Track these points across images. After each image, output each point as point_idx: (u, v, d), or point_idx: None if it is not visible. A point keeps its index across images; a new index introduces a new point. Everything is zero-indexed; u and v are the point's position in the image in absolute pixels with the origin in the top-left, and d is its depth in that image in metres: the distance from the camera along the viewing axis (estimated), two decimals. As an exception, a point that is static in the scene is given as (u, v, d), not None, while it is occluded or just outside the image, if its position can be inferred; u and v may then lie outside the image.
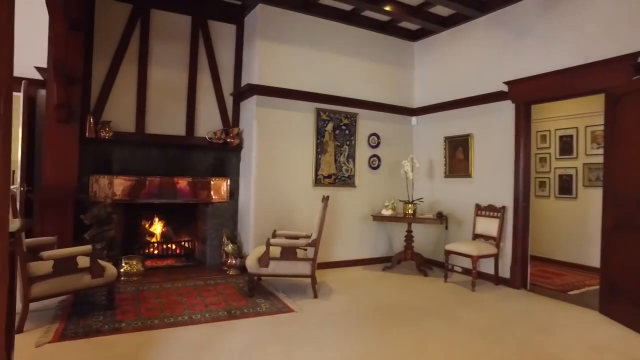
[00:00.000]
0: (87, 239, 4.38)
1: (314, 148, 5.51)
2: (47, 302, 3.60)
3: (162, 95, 5.26)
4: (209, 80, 5.51)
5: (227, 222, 5.51)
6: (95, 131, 4.77)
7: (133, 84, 5.09)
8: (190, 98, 5.40)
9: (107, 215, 4.52)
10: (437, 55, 6.02)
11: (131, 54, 5.07)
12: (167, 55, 5.27)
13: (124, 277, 4.58)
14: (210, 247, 5.43)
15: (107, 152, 4.87)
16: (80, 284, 3.48)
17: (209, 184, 5.38)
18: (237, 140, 5.51)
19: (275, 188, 5.25)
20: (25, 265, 3.18)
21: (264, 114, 5.18)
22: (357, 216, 5.84)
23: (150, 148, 5.08)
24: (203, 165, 5.40)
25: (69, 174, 4.53)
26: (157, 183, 5.08)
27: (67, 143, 4.52)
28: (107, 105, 4.96)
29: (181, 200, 5.26)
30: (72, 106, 4.51)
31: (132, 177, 4.95)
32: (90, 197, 4.72)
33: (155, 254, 5.45)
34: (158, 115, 5.24)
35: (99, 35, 4.91)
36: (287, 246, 4.23)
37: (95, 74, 4.89)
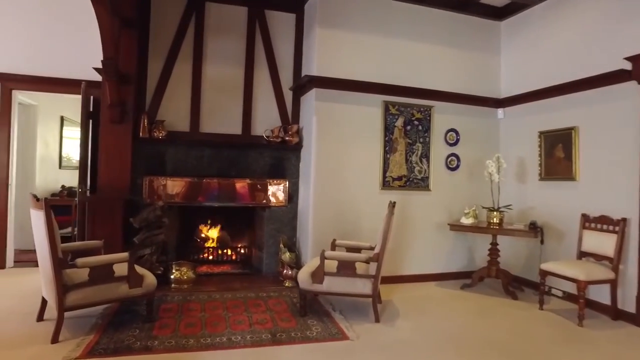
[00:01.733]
0: (137, 243, 4.21)
1: (382, 146, 4.86)
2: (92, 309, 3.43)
3: (217, 92, 4.97)
4: (266, 74, 5.13)
5: (285, 227, 5.07)
6: (149, 131, 4.61)
7: (187, 81, 4.86)
8: (246, 94, 5.06)
9: (156, 219, 4.30)
10: (530, 34, 5.02)
11: (186, 50, 4.85)
12: (222, 50, 4.98)
13: (175, 285, 4.33)
14: (267, 255, 5.03)
15: (160, 152, 4.69)
16: (116, 293, 3.23)
17: (266, 186, 4.99)
18: (296, 138, 5.05)
19: (337, 191, 4.69)
20: (59, 272, 2.99)
21: (324, 109, 4.66)
22: (431, 224, 5.07)
23: (204, 148, 4.82)
24: (259, 165, 5.02)
25: (122, 175, 4.40)
26: (211, 185, 4.79)
27: (120, 143, 4.39)
28: (161, 104, 4.78)
29: (237, 203, 4.92)
30: (126, 106, 4.38)
31: (185, 179, 4.71)
32: (143, 199, 4.57)
33: (210, 260, 5.20)
34: (213, 113, 4.97)
35: (154, 32, 4.75)
36: (344, 260, 3.65)
37: (151, 72, 4.74)
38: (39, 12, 4.92)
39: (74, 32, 4.89)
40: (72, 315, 3.32)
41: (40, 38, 4.92)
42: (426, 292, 4.64)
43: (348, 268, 3.64)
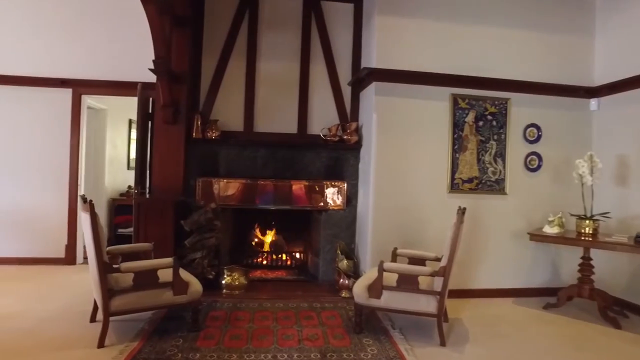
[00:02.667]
0: (187, 247, 4.11)
1: (450, 145, 4.34)
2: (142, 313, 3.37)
3: (271, 89, 4.78)
4: (323, 69, 4.83)
5: (343, 233, 4.74)
6: (202, 131, 4.52)
7: (241, 79, 4.72)
8: (302, 91, 4.81)
9: (207, 222, 4.18)
10: (635, 8, 4.20)
11: (239, 47, 4.70)
12: (277, 45, 4.77)
13: (226, 290, 4.18)
14: (323, 261, 4.73)
15: (213, 153, 4.58)
16: (161, 300, 3.10)
17: (323, 188, 4.68)
18: (355, 137, 4.69)
19: (399, 194, 4.26)
20: (104, 276, 2.92)
21: (385, 105, 4.25)
22: (507, 232, 4.44)
23: (258, 148, 4.64)
24: (316, 166, 4.73)
25: (175, 176, 4.36)
26: (266, 186, 4.59)
27: (173, 144, 4.35)
28: (215, 104, 4.69)
29: (292, 206, 4.67)
30: (179, 106, 4.32)
31: (239, 180, 4.56)
32: (196, 201, 4.49)
33: (264, 265, 5.01)
34: (267, 112, 4.78)
35: (208, 30, 4.67)
36: (405, 273, 3.23)
37: (205, 71, 4.66)
38: (105, 19, 5.06)
39: (138, 36, 4.92)
40: (121, 319, 3.27)
41: (107, 43, 5.07)
42: (501, 310, 4.05)
43: (410, 282, 3.21)
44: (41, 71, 5.03)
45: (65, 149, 5.12)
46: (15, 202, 5.08)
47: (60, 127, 5.11)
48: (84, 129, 5.25)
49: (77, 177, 5.16)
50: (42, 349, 2.89)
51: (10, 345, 2.93)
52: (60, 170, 5.12)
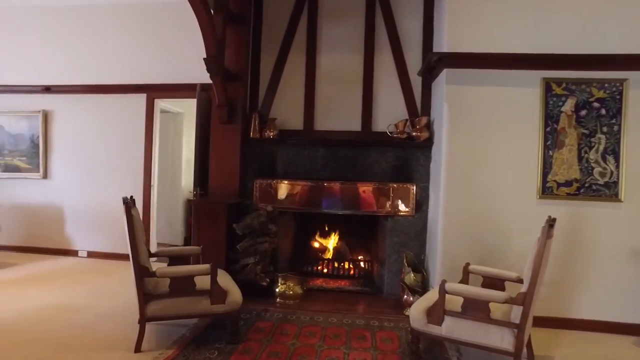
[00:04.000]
0: (240, 251, 3.94)
1: (541, 140, 3.55)
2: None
3: (333, 85, 4.43)
4: (389, 59, 4.34)
5: (412, 242, 4.19)
6: (260, 130, 4.34)
7: (301, 75, 4.44)
8: (366, 85, 4.37)
9: (260, 226, 3.97)
10: None
11: (299, 42, 4.45)
12: (338, 37, 4.41)
13: (279, 300, 3.93)
14: (389, 273, 4.23)
15: (271, 153, 4.37)
16: (197, 308, 2.93)
17: (389, 192, 4.20)
18: (425, 133, 4.13)
19: (475, 199, 3.60)
20: (141, 280, 2.84)
21: (457, 95, 3.63)
22: (621, 250, 3.49)
23: (318, 147, 4.31)
24: (381, 167, 4.26)
25: (231, 177, 4.24)
26: (326, 189, 4.26)
27: (230, 144, 4.23)
28: (274, 102, 4.49)
29: (355, 210, 4.26)
30: (235, 105, 4.19)
31: (298, 182, 4.29)
32: (254, 204, 4.32)
33: (325, 273, 4.66)
34: (328, 108, 4.44)
35: (267, 27, 4.50)
36: (473, 297, 2.63)
37: (264, 68, 4.49)
38: (174, 24, 5.19)
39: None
40: (165, 323, 3.21)
41: (177, 47, 5.20)
42: (615, 351, 3.16)
43: (478, 309, 2.61)
44: (119, 78, 5.33)
45: (141, 151, 5.36)
46: (99, 200, 5.46)
47: (136, 130, 5.37)
48: (157, 132, 5.45)
49: (150, 178, 5.37)
50: (84, 346, 2.92)
51: (59, 339, 3.02)
52: (136, 171, 5.38)
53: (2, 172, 5.69)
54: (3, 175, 5.69)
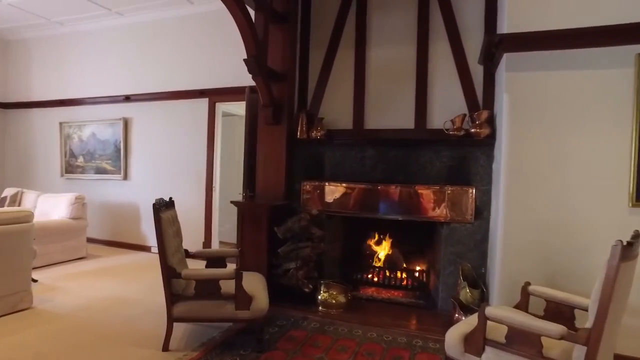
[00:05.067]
0: (281, 256, 3.83)
1: (635, 133, 2.84)
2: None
3: (383, 80, 4.11)
4: (445, 48, 3.89)
5: (470, 252, 3.70)
6: (307, 131, 4.19)
7: (350, 72, 4.20)
8: (420, 77, 3.97)
9: (302, 230, 3.81)
10: None
11: (347, 36, 4.21)
12: (389, 28, 4.08)
13: (322, 308, 3.74)
14: (444, 286, 3.79)
15: (318, 154, 4.20)
16: (222, 313, 2.86)
17: (443, 195, 3.76)
18: (486, 129, 3.60)
19: (543, 206, 3.01)
20: (168, 280, 2.86)
21: (520, 82, 3.07)
22: None
23: (366, 147, 4.03)
24: (435, 168, 3.84)
25: (277, 179, 4.15)
26: (376, 192, 3.96)
27: (275, 146, 4.15)
28: (323, 101, 4.30)
29: (405, 215, 3.90)
30: (281, 106, 4.10)
31: (345, 184, 4.06)
32: (301, 206, 4.18)
33: (376, 282, 4.33)
34: (379, 105, 4.13)
35: (315, 24, 4.34)
36: (519, 327, 2.15)
37: (312, 67, 4.33)
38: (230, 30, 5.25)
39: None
40: (201, 324, 3.24)
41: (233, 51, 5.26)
42: None
43: (527, 342, 2.13)
44: (185, 85, 5.61)
45: (204, 153, 5.57)
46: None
47: (200, 133, 5.59)
48: (219, 134, 5.62)
49: (212, 180, 5.55)
50: (121, 339, 3.05)
51: (103, 330, 3.21)
52: (199, 173, 5.60)
53: (94, 174, 6.37)
54: (94, 176, 6.36)
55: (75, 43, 6.56)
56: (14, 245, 3.53)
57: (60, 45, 6.70)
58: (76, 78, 6.54)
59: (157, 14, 5.77)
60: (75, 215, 5.27)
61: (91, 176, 6.39)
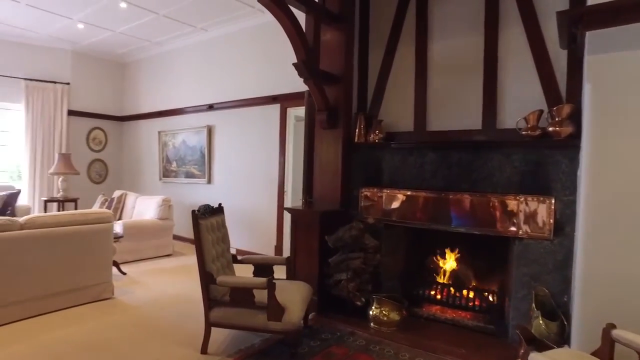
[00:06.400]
0: (331, 266, 3.67)
1: None
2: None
3: (447, 76, 3.70)
4: (519, 33, 3.34)
5: (548, 275, 3.10)
6: (365, 135, 3.97)
7: (410, 70, 3.87)
8: (488, 70, 3.48)
9: (353, 240, 3.60)
10: None
11: (407, 32, 3.89)
12: (452, 17, 3.66)
13: (373, 324, 3.49)
14: (516, 312, 3.24)
15: (376, 159, 3.94)
16: (254, 322, 2.83)
17: (515, 206, 3.22)
18: (568, 127, 2.99)
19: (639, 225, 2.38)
20: (206, 285, 2.92)
21: (607, 67, 2.48)
22: None
23: (426, 151, 3.66)
24: (505, 174, 3.31)
25: (332, 185, 4.01)
26: (437, 200, 3.57)
27: (331, 150, 4.01)
28: (383, 102, 4.04)
29: (469, 228, 3.45)
30: (337, 109, 3.95)
31: (404, 192, 3.74)
32: (360, 214, 3.98)
33: (439, 300, 3.90)
34: (442, 104, 3.74)
35: (374, 20, 4.10)
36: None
37: (372, 67, 4.10)
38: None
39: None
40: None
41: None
42: None
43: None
44: (259, 92, 5.80)
45: (276, 158, 5.69)
46: (246, 203, 6.06)
47: (272, 138, 5.72)
48: (291, 139, 5.67)
49: (283, 184, 5.63)
50: (166, 337, 3.23)
51: (154, 326, 3.44)
52: (272, 177, 5.73)
53: (184, 178, 6.96)
54: (185, 180, 6.95)
55: (171, 59, 7.27)
56: (97, 242, 3.99)
57: (160, 63, 7.49)
58: (171, 90, 7.24)
59: (234, 25, 6.08)
60: (163, 216, 5.80)
61: (182, 180, 7.00)
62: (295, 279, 3.67)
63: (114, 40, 6.90)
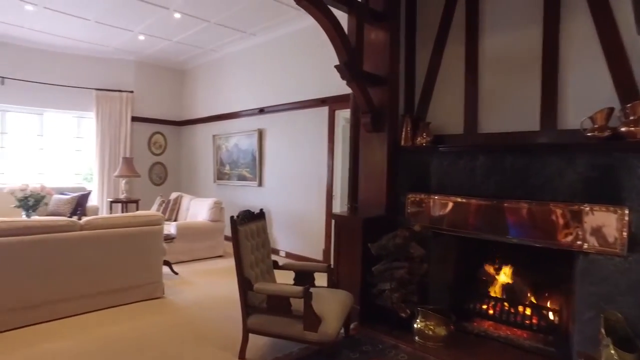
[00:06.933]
0: (375, 275, 3.52)
1: None
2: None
3: (500, 73, 3.42)
4: (584, 22, 2.98)
5: (622, 297, 2.73)
6: (412, 138, 3.77)
7: (460, 68, 3.62)
8: (547, 65, 3.15)
9: (396, 248, 3.42)
10: None
11: (457, 27, 3.64)
12: (506, 9, 3.37)
13: (418, 338, 3.30)
14: (580, 335, 2.89)
15: (423, 163, 3.73)
16: (289, 331, 2.77)
17: (579, 216, 2.87)
18: (645, 128, 2.62)
19: None
20: (244, 292, 2.91)
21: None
22: None
23: (477, 155, 3.39)
24: (566, 180, 2.97)
25: (377, 190, 3.86)
26: (489, 208, 3.30)
27: (376, 154, 3.88)
28: (431, 103, 3.83)
29: (524, 239, 3.15)
30: (381, 111, 3.80)
31: (452, 198, 3.50)
32: (407, 221, 3.79)
33: (491, 315, 3.59)
34: (495, 104, 3.46)
35: (422, 18, 3.89)
36: None
37: (419, 66, 3.90)
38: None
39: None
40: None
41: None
42: None
43: None
44: (308, 94, 5.77)
45: (325, 161, 5.63)
46: (295, 206, 6.06)
47: (321, 141, 5.67)
48: (339, 142, 5.58)
49: (332, 188, 5.55)
50: (208, 339, 3.28)
51: (198, 327, 3.51)
52: (321, 181, 5.68)
53: (237, 181, 7.12)
54: (237, 183, 7.12)
55: (224, 65, 7.48)
56: (148, 244, 4.17)
57: (214, 69, 7.74)
58: (225, 95, 7.46)
59: (282, 29, 6.12)
60: (214, 218, 5.97)
61: (235, 182, 7.17)
62: (338, 286, 3.58)
63: (172, 49, 7.24)
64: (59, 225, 3.62)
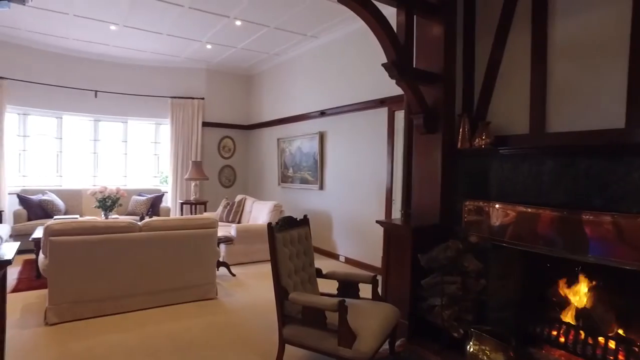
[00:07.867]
0: (424, 288, 3.24)
1: None
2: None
3: (573, 63, 2.95)
4: (685, -3, 2.44)
5: None
6: (469, 139, 3.43)
7: (525, 60, 3.20)
8: (636, 49, 2.64)
9: (448, 261, 3.10)
10: None
11: (521, 17, 3.23)
12: (582, -12, 2.89)
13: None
14: (677, 377, 2.37)
15: (482, 167, 3.36)
16: (323, 345, 2.63)
17: (680, 233, 2.36)
18: None
19: None
20: (280, 301, 2.83)
21: None
22: None
23: (544, 159, 2.96)
24: (660, 189, 2.46)
25: (431, 196, 3.58)
26: (559, 220, 2.86)
27: (429, 157, 3.60)
28: (492, 101, 3.45)
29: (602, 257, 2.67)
30: (435, 111, 3.51)
31: (517, 207, 3.10)
32: (464, 230, 3.45)
33: (562, 343, 3.09)
34: (566, 99, 3.00)
35: (481, 6, 3.51)
36: None
37: (478, 61, 3.53)
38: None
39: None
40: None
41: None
42: None
43: None
44: (367, 96, 5.59)
45: (384, 164, 5.41)
46: (355, 211, 5.92)
47: (380, 143, 5.46)
48: (399, 144, 5.30)
49: (391, 192, 5.31)
50: (247, 344, 3.29)
51: (236, 332, 3.53)
52: (380, 184, 5.46)
53: (299, 184, 7.14)
54: (299, 186, 7.14)
55: (287, 69, 7.57)
56: (203, 246, 4.30)
57: (278, 73, 7.87)
58: (288, 99, 7.54)
59: (340, 30, 6.03)
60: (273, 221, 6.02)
61: (297, 185, 7.20)
62: (387, 298, 3.37)
63: (237, 55, 7.50)
64: (121, 226, 3.88)
